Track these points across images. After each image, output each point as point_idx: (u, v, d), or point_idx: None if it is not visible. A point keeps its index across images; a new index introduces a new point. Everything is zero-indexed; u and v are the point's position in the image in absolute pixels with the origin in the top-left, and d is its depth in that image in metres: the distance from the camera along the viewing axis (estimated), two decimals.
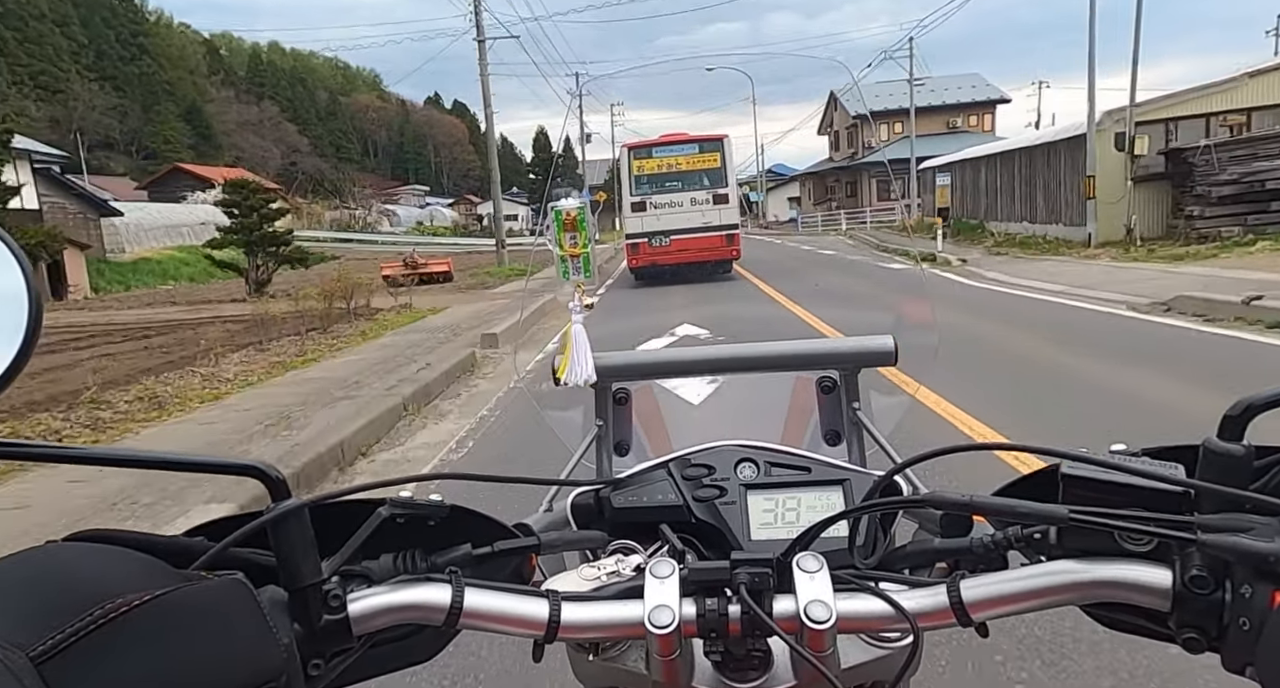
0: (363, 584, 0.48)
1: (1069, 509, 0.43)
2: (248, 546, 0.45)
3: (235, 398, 5.97)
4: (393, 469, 4.31)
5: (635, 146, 15.34)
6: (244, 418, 5.12)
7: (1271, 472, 0.43)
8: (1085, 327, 7.22)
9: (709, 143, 14.57)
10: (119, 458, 0.44)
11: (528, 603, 0.48)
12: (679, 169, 14.48)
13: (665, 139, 15.38)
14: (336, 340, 8.89)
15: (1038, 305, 8.89)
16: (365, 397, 5.48)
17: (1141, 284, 9.02)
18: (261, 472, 0.44)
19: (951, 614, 0.45)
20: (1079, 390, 4.83)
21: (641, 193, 14.36)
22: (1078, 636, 2.11)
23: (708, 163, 14.42)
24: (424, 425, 5.20)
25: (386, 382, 6.00)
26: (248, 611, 0.40)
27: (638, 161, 14.55)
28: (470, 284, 17.36)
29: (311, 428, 4.62)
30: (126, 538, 0.42)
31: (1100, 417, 4.20)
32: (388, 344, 8.37)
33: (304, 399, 5.54)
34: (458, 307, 12.09)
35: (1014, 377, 5.44)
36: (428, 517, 0.50)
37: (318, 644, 0.45)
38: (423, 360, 6.92)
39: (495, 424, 5.05)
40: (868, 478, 0.65)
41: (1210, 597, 0.41)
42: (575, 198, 0.82)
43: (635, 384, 0.87)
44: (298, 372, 6.98)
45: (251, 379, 6.73)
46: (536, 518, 0.66)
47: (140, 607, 0.35)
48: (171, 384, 6.65)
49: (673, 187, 14.39)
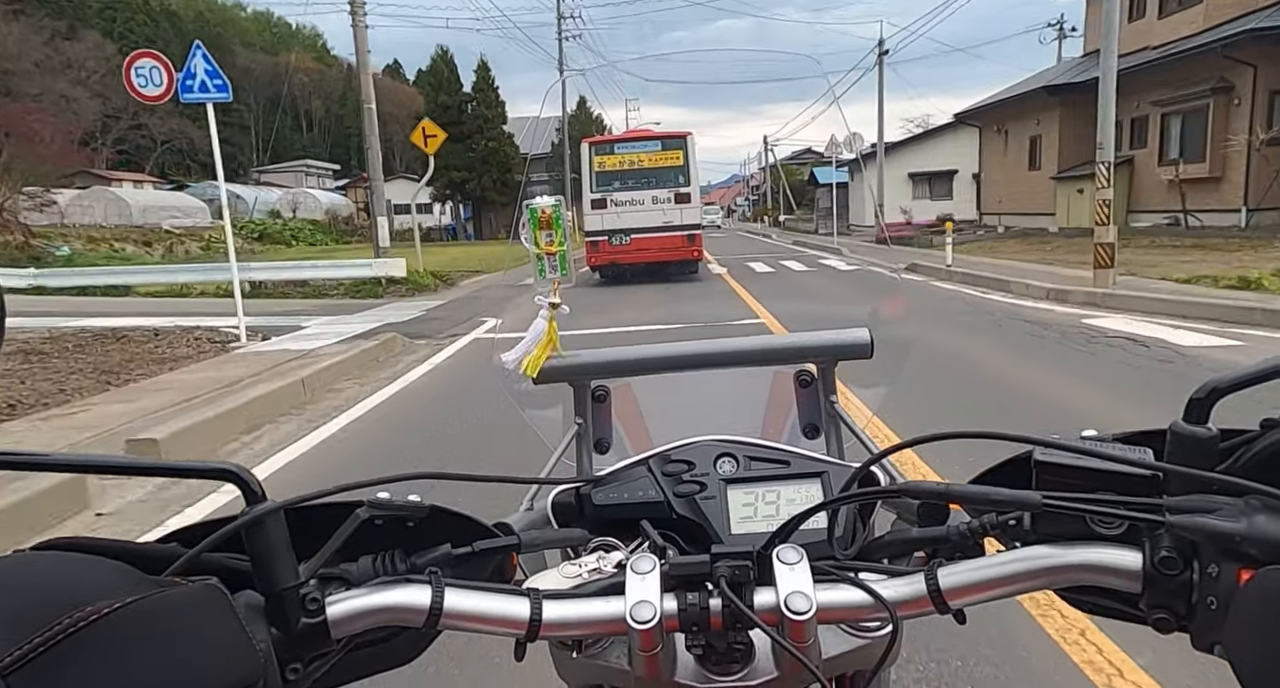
0: (341, 587, 0.48)
1: (1042, 495, 0.43)
2: (223, 550, 0.44)
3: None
4: None
5: (596, 142, 15.04)
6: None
7: (1236, 453, 0.43)
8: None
9: (671, 140, 14.35)
10: (90, 464, 0.43)
11: (509, 602, 0.48)
12: (640, 166, 14.26)
13: (628, 135, 15.10)
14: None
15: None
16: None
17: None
18: (236, 475, 0.44)
19: (930, 602, 0.46)
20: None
21: (602, 190, 14.12)
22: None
23: (670, 161, 14.19)
24: None
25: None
26: (223, 616, 0.39)
27: (599, 157, 14.29)
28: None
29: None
30: (98, 546, 0.41)
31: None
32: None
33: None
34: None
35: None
36: (407, 518, 0.50)
37: (295, 648, 0.44)
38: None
39: None
40: (845, 470, 0.65)
41: (1179, 577, 0.42)
42: (549, 196, 0.82)
43: (614, 382, 0.87)
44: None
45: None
46: (517, 517, 0.66)
47: (112, 615, 0.34)
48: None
49: (634, 184, 14.19)
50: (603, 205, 14.06)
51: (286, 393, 5.63)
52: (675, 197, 14.09)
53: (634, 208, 14.01)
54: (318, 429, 4.88)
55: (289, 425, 5.04)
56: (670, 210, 14.05)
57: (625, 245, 13.98)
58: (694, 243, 14.09)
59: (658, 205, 14.06)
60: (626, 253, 14.02)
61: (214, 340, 8.18)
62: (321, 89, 73.79)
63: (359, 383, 6.27)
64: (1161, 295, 8.07)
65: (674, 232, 13.97)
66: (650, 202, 14.07)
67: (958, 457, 3.09)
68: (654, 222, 13.93)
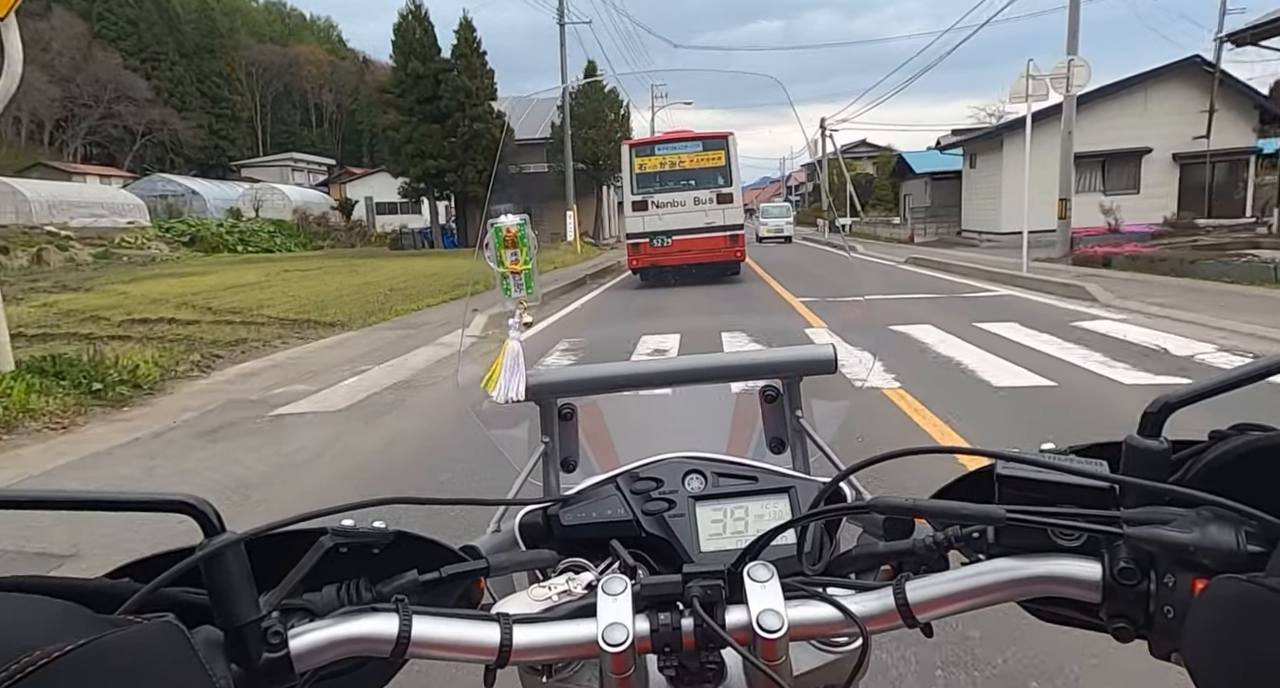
0: (305, 619, 0.46)
1: (1005, 509, 0.44)
2: (179, 585, 0.43)
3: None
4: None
5: (637, 144, 14.87)
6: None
7: (1186, 464, 0.45)
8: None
9: (713, 140, 14.18)
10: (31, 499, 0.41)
11: (478, 628, 0.47)
12: (682, 167, 14.09)
13: (668, 136, 14.84)
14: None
15: None
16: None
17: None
18: (192, 506, 0.42)
19: (898, 616, 0.46)
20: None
21: (643, 192, 13.98)
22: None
23: (712, 161, 14.04)
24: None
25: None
26: (181, 654, 0.38)
27: (639, 159, 14.15)
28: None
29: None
30: (45, 584, 0.39)
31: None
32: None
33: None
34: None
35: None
36: (371, 544, 0.49)
37: (258, 685, 0.43)
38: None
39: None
40: (812, 484, 0.66)
41: (1137, 587, 0.43)
42: (514, 215, 0.81)
43: (580, 400, 0.87)
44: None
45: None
46: (484, 540, 0.65)
47: (63, 658, 0.33)
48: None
49: (675, 186, 14.03)
50: (644, 207, 13.91)
51: None
52: (717, 197, 13.94)
53: (675, 209, 13.85)
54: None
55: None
56: (713, 211, 13.90)
57: (667, 247, 13.83)
58: (736, 243, 13.94)
59: (700, 206, 13.90)
60: (668, 255, 13.85)
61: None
62: (333, 81, 70.04)
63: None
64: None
65: (716, 232, 13.82)
66: (692, 203, 13.91)
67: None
68: (696, 223, 13.78)
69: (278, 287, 14.68)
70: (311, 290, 13.78)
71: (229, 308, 11.23)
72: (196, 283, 15.51)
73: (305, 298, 12.54)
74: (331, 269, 19.34)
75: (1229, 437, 0.44)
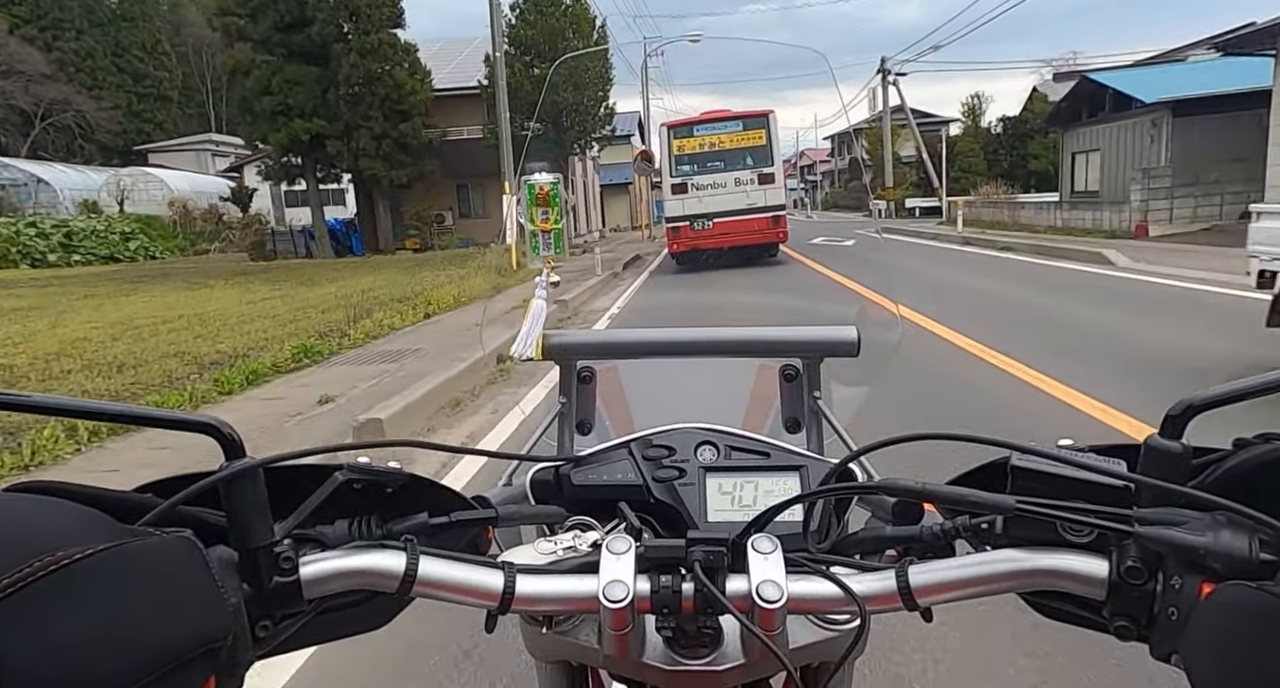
0: (316, 549, 0.48)
1: (1016, 500, 0.44)
2: (198, 504, 0.44)
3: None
4: None
5: (675, 125, 14.41)
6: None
7: (1207, 470, 0.44)
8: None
9: (753, 119, 13.86)
10: (78, 410, 0.42)
11: (483, 574, 0.48)
12: (721, 148, 13.80)
13: (706, 116, 14.40)
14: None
15: None
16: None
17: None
18: (216, 429, 0.43)
19: (899, 599, 0.47)
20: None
21: (682, 174, 13.72)
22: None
23: (752, 141, 13.75)
24: None
25: None
26: (195, 569, 0.39)
27: (678, 141, 13.88)
28: None
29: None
30: (71, 491, 0.40)
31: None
32: None
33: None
34: None
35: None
36: (385, 484, 0.50)
37: (267, 606, 0.44)
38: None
39: None
40: (824, 465, 0.66)
41: (1143, 587, 0.43)
42: (548, 173, 0.81)
43: (600, 364, 0.87)
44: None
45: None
46: (495, 492, 0.66)
47: (82, 560, 0.34)
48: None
49: (715, 167, 13.75)
50: (683, 190, 13.67)
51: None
52: (758, 178, 13.67)
53: (716, 191, 13.58)
54: None
55: None
56: (754, 192, 13.63)
57: (707, 230, 13.59)
58: (779, 224, 13.70)
59: (740, 187, 13.62)
60: (709, 238, 13.61)
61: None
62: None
63: None
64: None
65: (758, 214, 13.57)
66: (733, 184, 13.64)
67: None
68: (737, 204, 13.52)
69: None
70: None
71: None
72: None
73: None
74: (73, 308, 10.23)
75: (1253, 444, 0.44)
